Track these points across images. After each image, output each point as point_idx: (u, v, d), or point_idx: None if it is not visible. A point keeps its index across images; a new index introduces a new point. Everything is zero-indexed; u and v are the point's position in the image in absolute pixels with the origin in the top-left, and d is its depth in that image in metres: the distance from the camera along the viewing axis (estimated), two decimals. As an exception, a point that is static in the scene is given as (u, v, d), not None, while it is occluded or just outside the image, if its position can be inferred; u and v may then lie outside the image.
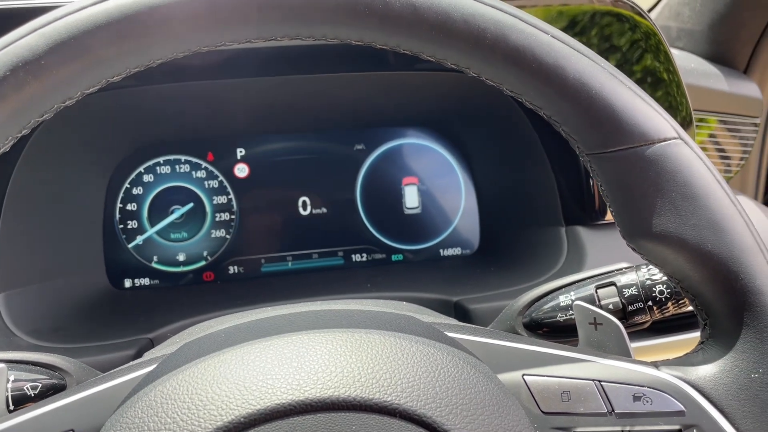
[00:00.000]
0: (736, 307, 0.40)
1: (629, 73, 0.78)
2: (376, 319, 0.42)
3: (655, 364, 0.41)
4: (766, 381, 0.39)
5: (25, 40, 0.35)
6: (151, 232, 0.91)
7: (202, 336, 0.43)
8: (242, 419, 0.34)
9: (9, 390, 0.48)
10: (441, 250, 0.99)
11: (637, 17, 0.78)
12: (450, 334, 0.42)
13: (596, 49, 0.76)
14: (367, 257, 0.97)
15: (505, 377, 0.40)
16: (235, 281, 0.93)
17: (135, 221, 0.90)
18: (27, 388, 0.50)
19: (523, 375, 0.40)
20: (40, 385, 0.51)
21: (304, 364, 0.36)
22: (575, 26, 0.77)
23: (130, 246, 0.90)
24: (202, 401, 0.35)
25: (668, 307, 0.55)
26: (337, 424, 0.34)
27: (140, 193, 0.90)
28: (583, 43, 0.75)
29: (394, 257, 0.98)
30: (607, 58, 0.76)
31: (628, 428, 0.39)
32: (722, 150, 1.02)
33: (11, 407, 0.48)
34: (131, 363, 0.43)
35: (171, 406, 0.35)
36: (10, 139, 0.37)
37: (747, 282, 0.39)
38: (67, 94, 0.37)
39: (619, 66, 0.78)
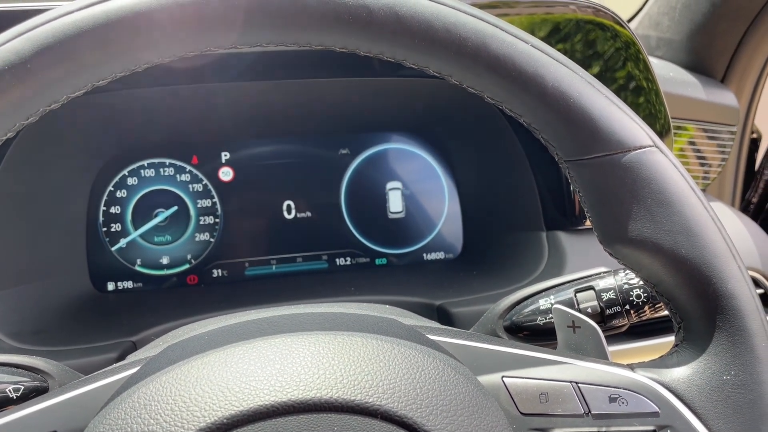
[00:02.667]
0: (709, 311, 0.41)
1: (610, 81, 0.80)
2: (359, 322, 0.43)
3: (631, 367, 0.42)
4: (738, 383, 0.40)
5: (11, 44, 0.36)
6: (134, 235, 0.91)
7: (185, 338, 0.44)
8: (225, 420, 0.34)
9: None
10: (424, 254, 1.00)
11: (618, 27, 0.79)
12: (431, 337, 0.43)
13: (578, 57, 0.77)
14: (351, 261, 0.97)
15: (485, 379, 0.41)
16: (219, 284, 0.93)
17: (119, 224, 0.90)
18: (9, 390, 0.50)
19: (503, 377, 0.41)
20: (23, 387, 0.51)
21: (286, 365, 0.37)
22: (557, 34, 0.78)
23: (113, 249, 0.90)
24: (185, 402, 0.35)
25: (645, 311, 0.57)
26: (319, 425, 0.35)
27: (124, 196, 0.90)
28: (565, 51, 0.76)
29: (378, 261, 0.98)
30: (588, 66, 0.77)
31: (604, 429, 0.40)
32: (700, 157, 1.04)
33: None
34: (114, 366, 0.43)
35: (154, 407, 0.35)
36: None
37: (719, 286, 0.40)
38: (52, 97, 0.37)
39: (600, 74, 0.79)
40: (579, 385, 0.40)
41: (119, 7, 0.36)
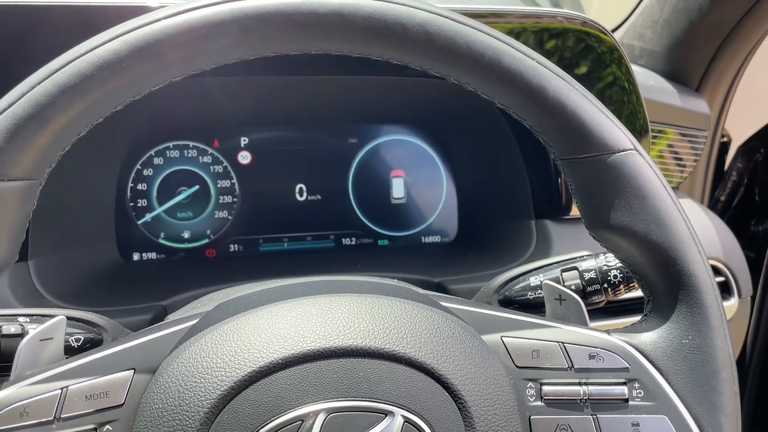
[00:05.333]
0: (673, 287, 0.46)
1: (595, 83, 0.83)
2: (383, 288, 0.49)
3: (608, 331, 0.48)
4: (695, 345, 0.46)
5: (109, 44, 0.40)
6: (159, 210, 0.93)
7: (235, 297, 0.49)
8: (280, 360, 0.40)
9: None
10: (423, 238, 1.03)
11: (603, 36, 0.82)
12: (442, 303, 0.48)
13: (565, 62, 0.81)
14: (355, 241, 1.00)
15: (487, 338, 0.46)
16: (235, 258, 0.96)
17: (145, 200, 0.93)
18: (71, 340, 0.55)
19: (502, 336, 0.46)
20: (83, 338, 0.56)
21: (328, 319, 0.43)
22: (547, 40, 0.81)
23: (139, 222, 0.93)
24: (246, 346, 0.41)
25: (620, 289, 0.61)
26: (355, 367, 0.41)
27: (150, 174, 0.93)
28: (552, 53, 0.80)
29: (380, 242, 1.01)
30: (575, 69, 0.82)
31: (584, 380, 0.45)
32: (675, 158, 1.06)
33: None
34: (174, 318, 0.48)
35: (220, 349, 0.41)
36: (90, 125, 0.43)
37: (682, 266, 0.46)
38: (138, 90, 0.42)
39: (585, 77, 0.82)
40: (564, 344, 0.46)
41: (198, 17, 0.41)
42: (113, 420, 0.40)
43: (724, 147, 1.28)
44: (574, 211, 0.87)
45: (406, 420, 0.40)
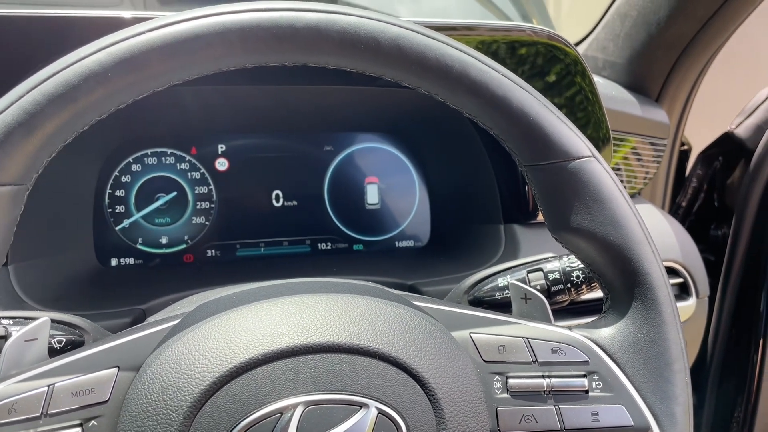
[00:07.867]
0: (629, 285, 0.49)
1: (559, 94, 0.86)
2: (358, 288, 0.51)
3: (569, 327, 0.50)
4: (649, 339, 0.48)
5: (95, 56, 0.42)
6: (137, 216, 0.94)
7: (215, 298, 0.50)
8: (260, 356, 0.42)
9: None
10: (396, 242, 1.05)
11: (568, 49, 0.85)
12: (415, 302, 0.50)
13: (533, 73, 0.83)
14: (331, 246, 1.01)
15: (457, 334, 0.48)
16: (213, 263, 0.96)
17: (123, 206, 0.93)
18: (54, 342, 0.55)
19: (470, 333, 0.48)
20: (65, 340, 0.56)
21: (305, 317, 0.44)
22: (514, 52, 0.84)
23: (117, 228, 0.93)
24: (228, 343, 0.42)
25: (583, 289, 0.62)
26: (331, 362, 0.42)
27: (128, 180, 0.93)
28: (517, 65, 0.82)
29: (355, 247, 1.03)
30: (540, 80, 0.83)
31: (547, 373, 0.47)
32: (636, 165, 1.10)
33: None
34: (156, 319, 0.49)
35: (202, 346, 0.42)
36: (76, 133, 0.44)
37: (637, 266, 0.48)
38: (123, 100, 0.44)
39: (551, 87, 0.85)
40: (529, 340, 0.48)
41: (181, 31, 0.43)
42: (98, 416, 0.41)
43: (685, 155, 1.31)
44: (541, 216, 0.89)
45: (380, 412, 0.41)
